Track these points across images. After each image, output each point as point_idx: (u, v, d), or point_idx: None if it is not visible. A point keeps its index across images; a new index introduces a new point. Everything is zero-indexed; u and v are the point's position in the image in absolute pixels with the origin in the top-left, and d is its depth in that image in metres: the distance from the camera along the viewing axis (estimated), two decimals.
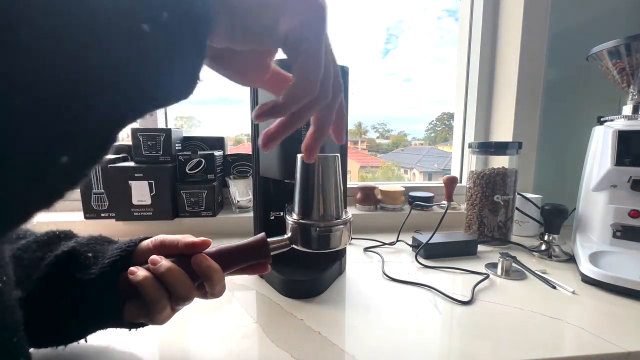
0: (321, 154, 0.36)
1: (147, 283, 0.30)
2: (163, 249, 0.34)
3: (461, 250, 0.70)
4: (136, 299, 0.31)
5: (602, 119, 0.69)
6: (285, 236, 0.39)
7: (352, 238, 0.74)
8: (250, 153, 0.57)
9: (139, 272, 0.30)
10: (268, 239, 0.37)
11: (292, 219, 0.39)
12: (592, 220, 0.67)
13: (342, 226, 0.38)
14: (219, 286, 0.33)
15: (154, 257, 0.31)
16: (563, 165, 0.97)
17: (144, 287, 0.30)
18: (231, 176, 0.88)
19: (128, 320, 0.32)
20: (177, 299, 0.31)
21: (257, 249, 0.36)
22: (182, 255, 0.33)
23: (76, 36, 0.13)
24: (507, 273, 0.60)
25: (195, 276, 0.32)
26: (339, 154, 0.39)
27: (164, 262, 0.31)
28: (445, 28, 1.11)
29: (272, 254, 0.37)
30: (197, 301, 0.49)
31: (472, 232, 0.79)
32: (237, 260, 0.36)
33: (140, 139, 0.78)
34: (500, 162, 0.78)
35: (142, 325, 0.34)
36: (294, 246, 0.39)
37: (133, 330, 0.35)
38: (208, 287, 0.33)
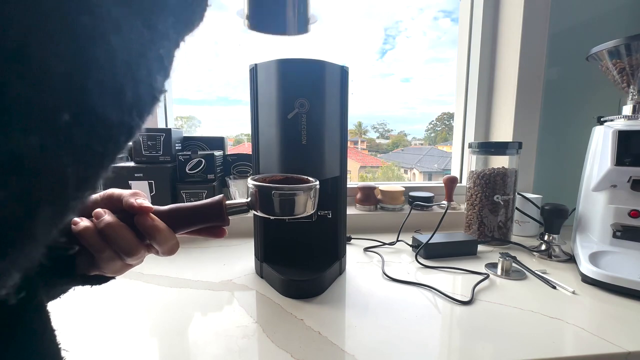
0: None
1: (87, 233, 0.29)
2: (111, 203, 0.32)
3: (461, 250, 0.70)
4: (86, 250, 0.30)
5: (602, 119, 0.69)
6: (245, 200, 0.37)
7: (351, 238, 0.74)
8: (250, 153, 0.57)
9: (81, 223, 0.30)
10: (227, 202, 0.35)
11: (252, 182, 0.37)
12: (592, 220, 0.67)
13: (305, 192, 0.36)
14: (165, 246, 0.32)
15: (97, 210, 0.30)
16: (563, 165, 0.97)
17: (83, 237, 0.29)
18: (231, 176, 0.88)
19: (80, 272, 0.31)
20: (121, 254, 0.30)
21: (212, 210, 0.34)
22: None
23: None
24: (507, 273, 0.60)
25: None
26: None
27: (106, 217, 0.30)
28: (442, 29, 1.12)
29: (229, 217, 0.35)
30: (197, 301, 0.50)
31: (472, 232, 0.79)
32: (189, 221, 0.34)
33: (140, 139, 0.78)
34: (500, 162, 0.78)
35: (99, 280, 0.32)
36: (253, 212, 0.37)
37: (93, 286, 0.32)
38: (155, 245, 0.32)
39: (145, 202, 0.32)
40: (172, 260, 0.66)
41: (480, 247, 0.73)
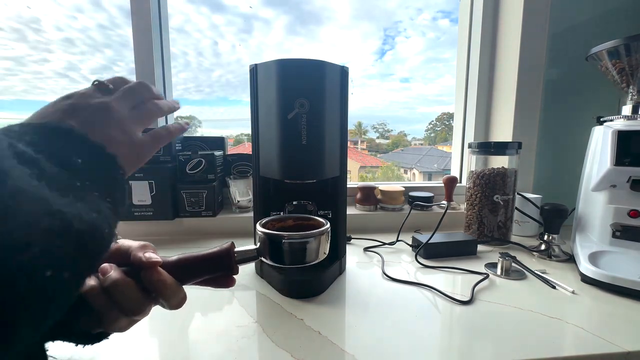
0: None
1: (93, 294, 0.28)
2: (119, 255, 0.32)
3: (461, 250, 0.70)
4: (91, 308, 0.29)
5: (601, 119, 0.69)
6: (254, 247, 0.35)
7: (351, 238, 0.73)
8: (250, 153, 0.57)
9: (88, 282, 0.28)
10: (235, 250, 0.34)
11: (260, 228, 0.35)
12: (592, 220, 0.67)
13: (317, 237, 0.34)
14: (173, 300, 0.31)
15: (104, 265, 0.29)
16: (563, 165, 0.97)
17: (89, 297, 0.28)
18: (231, 176, 0.88)
19: (84, 328, 0.30)
20: (126, 313, 0.29)
21: (219, 260, 0.33)
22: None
23: None
24: (507, 273, 0.60)
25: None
26: None
27: (112, 274, 0.29)
28: (441, 29, 1.12)
29: (238, 265, 0.34)
30: (197, 300, 0.50)
31: (472, 232, 0.79)
32: (196, 272, 0.33)
33: None
34: (500, 162, 0.78)
35: (99, 338, 0.32)
36: (262, 259, 0.35)
37: (90, 345, 0.32)
38: (162, 300, 0.31)
39: (154, 255, 0.31)
40: None
41: (480, 247, 0.73)
